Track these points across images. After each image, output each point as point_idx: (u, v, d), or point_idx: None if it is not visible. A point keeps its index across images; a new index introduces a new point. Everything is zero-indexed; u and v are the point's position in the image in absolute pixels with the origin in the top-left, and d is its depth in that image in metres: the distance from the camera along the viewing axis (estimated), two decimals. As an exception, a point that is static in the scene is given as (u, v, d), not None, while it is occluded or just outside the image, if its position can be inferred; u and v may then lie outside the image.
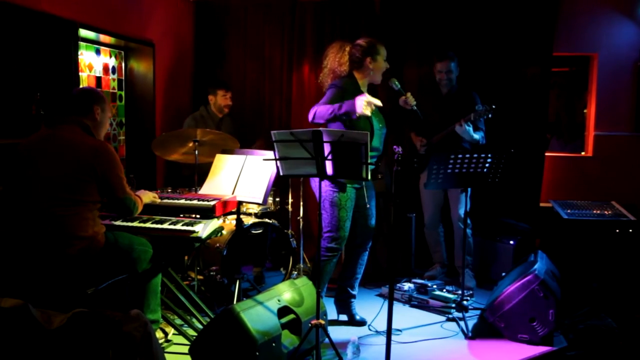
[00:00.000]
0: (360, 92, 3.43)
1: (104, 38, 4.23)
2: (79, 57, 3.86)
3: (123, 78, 4.66)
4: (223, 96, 4.66)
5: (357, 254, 3.62)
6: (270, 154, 3.01)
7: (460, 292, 3.82)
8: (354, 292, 3.68)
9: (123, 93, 4.67)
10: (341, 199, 3.38)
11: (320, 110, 3.29)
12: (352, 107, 3.18)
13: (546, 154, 4.98)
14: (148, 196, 3.10)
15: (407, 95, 3.66)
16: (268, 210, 4.33)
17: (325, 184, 3.39)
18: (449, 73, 4.33)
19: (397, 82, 3.58)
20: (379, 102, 3.23)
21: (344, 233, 3.43)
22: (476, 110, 4.03)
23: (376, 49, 3.46)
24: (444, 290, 4.04)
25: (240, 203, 3.52)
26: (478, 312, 3.78)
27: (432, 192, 4.46)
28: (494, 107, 3.98)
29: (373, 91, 3.63)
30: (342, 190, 3.37)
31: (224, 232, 3.77)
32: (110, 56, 4.49)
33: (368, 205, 3.53)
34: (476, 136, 4.18)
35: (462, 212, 4.14)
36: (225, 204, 3.20)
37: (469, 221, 4.33)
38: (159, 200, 3.17)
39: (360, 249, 3.62)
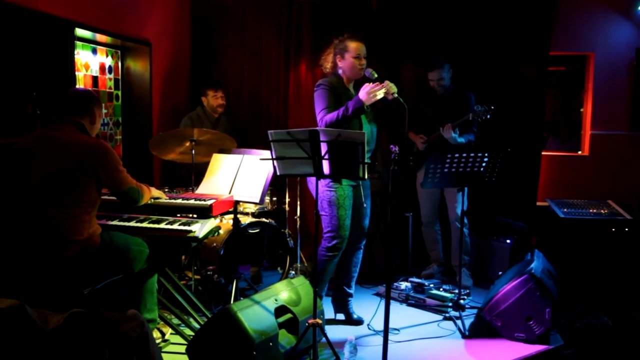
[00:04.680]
0: (346, 89, 3.46)
1: (100, 37, 4.21)
2: (76, 56, 3.85)
3: (120, 77, 4.65)
4: (213, 96, 4.65)
5: (351, 253, 3.62)
6: (267, 154, 3.01)
7: (457, 291, 3.83)
8: (350, 291, 3.69)
9: (120, 92, 4.66)
10: (339, 198, 3.38)
11: (330, 118, 3.29)
12: (359, 103, 3.23)
13: (543, 153, 4.99)
14: (157, 191, 3.13)
15: (386, 83, 3.32)
16: (265, 209, 4.33)
17: (322, 183, 3.39)
18: (441, 80, 4.36)
19: (374, 72, 3.40)
20: (380, 92, 3.25)
21: (345, 232, 3.42)
22: (475, 110, 4.03)
23: (344, 46, 3.44)
24: (441, 289, 4.05)
25: (237, 202, 3.53)
26: (475, 311, 3.79)
27: (429, 190, 4.46)
28: (492, 107, 3.98)
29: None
30: (339, 183, 3.38)
31: (221, 231, 3.76)
32: (107, 55, 4.48)
33: (365, 205, 3.53)
34: (461, 140, 4.19)
35: (458, 211, 4.15)
36: (222, 203, 3.20)
37: (465, 220, 4.34)
38: (165, 197, 3.18)
39: (353, 248, 3.62)
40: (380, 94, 3.24)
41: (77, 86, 4.01)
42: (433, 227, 4.60)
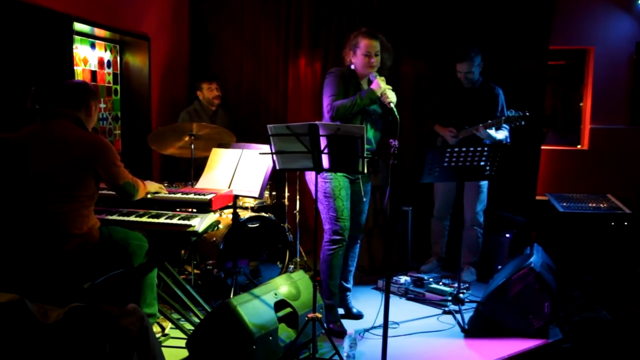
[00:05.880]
0: (358, 82, 3.44)
1: (99, 32, 4.20)
2: (74, 51, 3.84)
3: (118, 72, 4.64)
4: (208, 88, 4.62)
5: (347, 247, 3.61)
6: (266, 148, 3.01)
7: (456, 285, 3.83)
8: (348, 285, 3.68)
9: (118, 87, 4.65)
10: (334, 189, 3.36)
11: (340, 106, 3.27)
12: (372, 92, 3.23)
13: (542, 147, 4.99)
14: (154, 186, 3.13)
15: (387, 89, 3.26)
16: (264, 204, 4.33)
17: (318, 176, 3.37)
18: (469, 74, 4.24)
19: (377, 75, 3.34)
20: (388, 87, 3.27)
21: (345, 223, 3.38)
22: (508, 116, 3.97)
23: (356, 42, 3.40)
24: (440, 283, 4.05)
25: (236, 197, 3.52)
26: (474, 305, 3.79)
27: (446, 184, 4.43)
28: (527, 114, 3.91)
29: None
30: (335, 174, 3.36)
31: (220, 226, 3.74)
32: (106, 50, 4.47)
33: (365, 200, 3.52)
34: (499, 136, 4.11)
35: (478, 210, 4.26)
36: (221, 198, 3.20)
37: (482, 220, 4.35)
38: (165, 191, 3.18)
39: (351, 242, 3.60)
40: (389, 88, 3.25)
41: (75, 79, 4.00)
42: (443, 222, 4.58)
